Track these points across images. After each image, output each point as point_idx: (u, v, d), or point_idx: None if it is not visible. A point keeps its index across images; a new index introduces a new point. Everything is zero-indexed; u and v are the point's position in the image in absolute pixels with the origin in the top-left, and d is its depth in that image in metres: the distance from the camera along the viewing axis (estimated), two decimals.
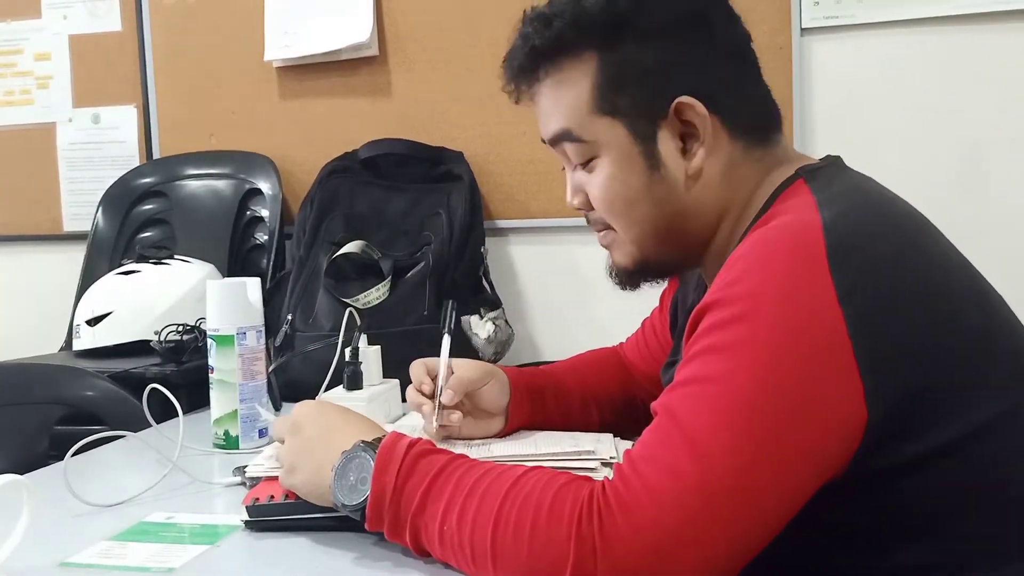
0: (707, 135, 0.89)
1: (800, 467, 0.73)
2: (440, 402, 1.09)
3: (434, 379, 1.12)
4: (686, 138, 0.90)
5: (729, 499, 0.71)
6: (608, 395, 1.23)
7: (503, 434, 1.14)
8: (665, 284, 1.12)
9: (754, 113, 0.93)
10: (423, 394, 1.11)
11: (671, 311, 1.17)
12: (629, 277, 0.98)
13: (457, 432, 1.11)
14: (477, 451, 1.04)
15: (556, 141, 0.95)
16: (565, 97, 0.92)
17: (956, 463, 0.76)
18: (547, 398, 1.19)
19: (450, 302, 1.18)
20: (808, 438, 0.73)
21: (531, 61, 0.93)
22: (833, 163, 0.91)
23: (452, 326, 1.15)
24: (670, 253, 0.95)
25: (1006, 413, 0.78)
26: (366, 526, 0.83)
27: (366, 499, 0.82)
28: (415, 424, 1.16)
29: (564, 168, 0.99)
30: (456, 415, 1.10)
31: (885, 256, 0.77)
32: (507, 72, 0.96)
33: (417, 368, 1.14)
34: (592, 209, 0.96)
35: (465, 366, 1.14)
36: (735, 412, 0.72)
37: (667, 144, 0.90)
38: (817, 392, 0.72)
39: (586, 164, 0.94)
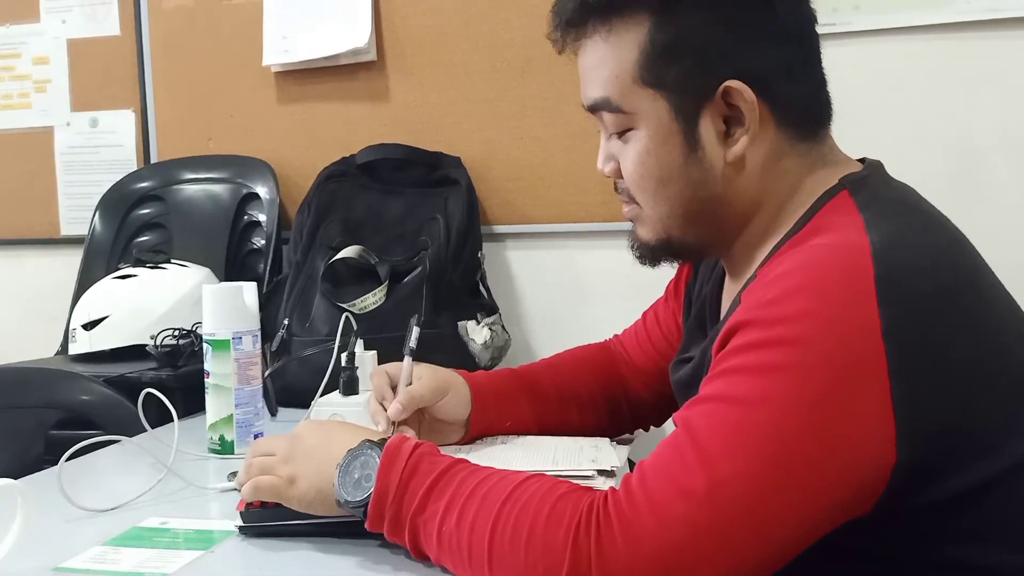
0: (753, 123, 0.85)
1: (820, 503, 0.71)
2: (392, 427, 1.06)
3: (395, 390, 1.09)
4: (730, 122, 0.86)
5: (739, 526, 0.69)
6: (589, 395, 1.20)
7: (465, 442, 1.13)
8: (681, 264, 1.07)
9: (806, 104, 0.89)
10: (383, 406, 1.09)
11: (685, 301, 1.12)
12: (651, 253, 0.94)
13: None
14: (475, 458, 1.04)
15: (594, 109, 0.91)
16: (610, 60, 0.87)
17: (988, 500, 0.75)
18: (519, 401, 1.16)
19: (414, 318, 1.14)
20: (832, 475, 0.70)
21: (580, 15, 0.89)
22: (876, 171, 0.88)
23: (415, 346, 1.12)
24: (696, 236, 0.91)
25: None
26: (366, 525, 0.82)
27: (369, 496, 0.81)
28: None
29: (599, 132, 0.94)
30: (409, 433, 1.06)
31: (935, 292, 0.74)
32: (554, 21, 0.91)
33: (379, 378, 1.12)
34: (622, 178, 0.92)
35: (421, 383, 1.10)
36: (758, 439, 0.70)
37: (709, 127, 0.86)
38: (846, 430, 0.70)
39: (622, 134, 0.90)
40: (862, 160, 0.91)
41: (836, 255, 0.75)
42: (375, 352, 1.36)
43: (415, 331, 1.13)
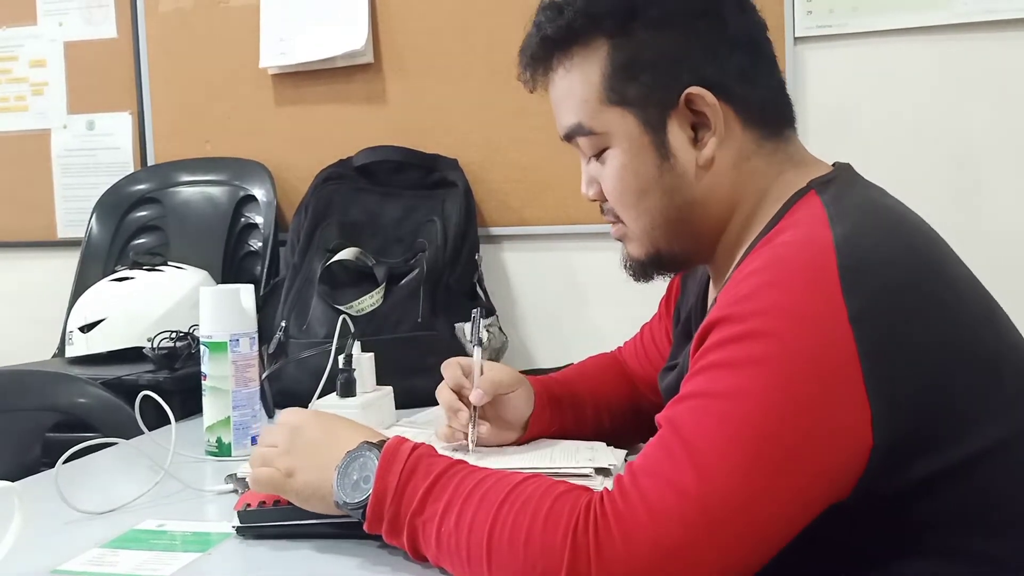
0: (719, 125, 0.88)
1: (806, 490, 0.73)
2: (474, 412, 1.08)
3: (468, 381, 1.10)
4: (697, 128, 0.90)
5: (731, 519, 0.70)
6: (618, 402, 1.23)
7: (517, 444, 1.13)
8: (672, 277, 1.11)
9: (767, 104, 0.92)
10: (459, 395, 1.10)
11: (674, 317, 1.16)
12: (642, 268, 0.97)
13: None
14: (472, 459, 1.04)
15: (570, 136, 0.95)
16: (576, 87, 0.91)
17: (962, 483, 0.76)
18: (564, 407, 1.18)
19: (477, 310, 1.18)
20: (815, 461, 0.72)
21: (543, 50, 0.93)
22: (844, 172, 0.90)
23: (481, 336, 1.15)
24: (681, 245, 0.94)
25: (1012, 432, 0.77)
26: (365, 526, 0.83)
27: (368, 497, 0.82)
28: (412, 433, 1.16)
29: (581, 159, 0.98)
30: (485, 427, 1.09)
31: (898, 278, 0.76)
32: (521, 61, 0.96)
33: (453, 369, 1.12)
34: (606, 200, 0.96)
35: (497, 368, 1.14)
36: (742, 431, 0.71)
37: (677, 134, 0.89)
38: (825, 415, 0.72)
39: (599, 155, 0.94)
40: (833, 164, 0.93)
41: (801, 250, 0.77)
42: (372, 354, 1.36)
43: (480, 322, 1.16)
